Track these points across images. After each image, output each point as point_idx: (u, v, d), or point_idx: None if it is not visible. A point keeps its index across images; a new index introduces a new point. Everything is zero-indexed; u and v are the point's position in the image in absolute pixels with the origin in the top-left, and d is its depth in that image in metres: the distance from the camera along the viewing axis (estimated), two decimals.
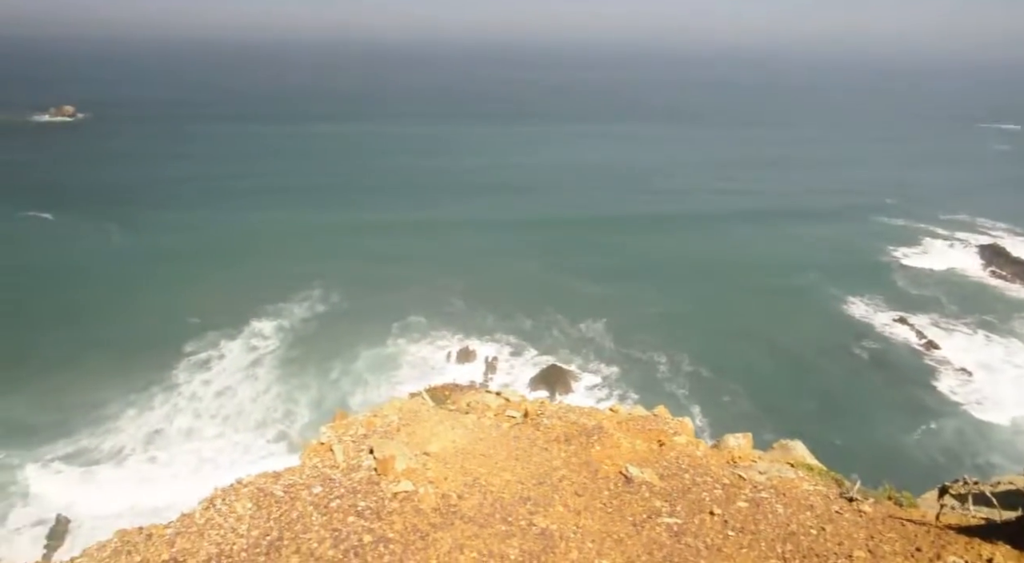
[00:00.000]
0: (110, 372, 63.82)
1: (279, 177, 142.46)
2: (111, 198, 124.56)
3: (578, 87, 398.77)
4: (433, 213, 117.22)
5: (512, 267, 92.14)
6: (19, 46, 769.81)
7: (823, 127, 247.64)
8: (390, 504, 11.96)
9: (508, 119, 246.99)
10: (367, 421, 15.43)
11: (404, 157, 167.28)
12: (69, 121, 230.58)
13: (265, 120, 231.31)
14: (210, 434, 56.77)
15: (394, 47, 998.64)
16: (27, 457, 52.95)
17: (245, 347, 70.26)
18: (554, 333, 73.91)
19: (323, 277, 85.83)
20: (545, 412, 17.04)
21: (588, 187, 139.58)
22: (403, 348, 71.05)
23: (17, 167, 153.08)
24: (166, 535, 11.14)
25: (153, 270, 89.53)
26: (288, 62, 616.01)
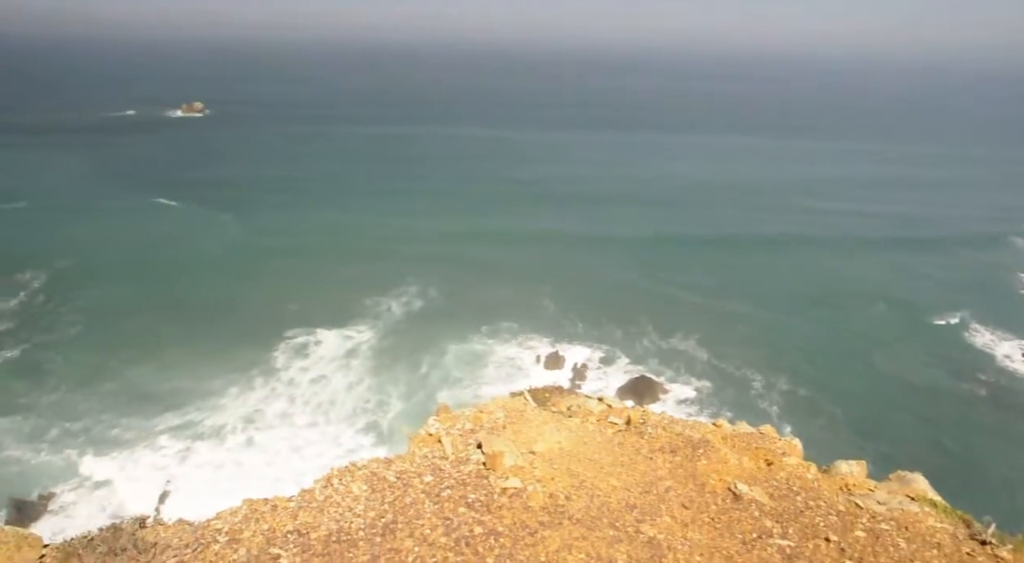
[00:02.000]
0: (218, 352, 68.23)
1: (385, 179, 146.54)
2: (229, 189, 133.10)
3: (688, 96, 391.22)
4: (532, 222, 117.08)
5: (606, 277, 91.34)
6: (156, 47, 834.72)
7: (948, 142, 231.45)
8: (499, 499, 12.17)
9: (612, 127, 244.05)
10: (474, 416, 15.76)
11: (507, 164, 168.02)
12: (198, 117, 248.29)
13: (376, 121, 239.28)
14: (303, 422, 59.26)
15: (506, 51, 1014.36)
16: (141, 428, 57.33)
17: (342, 337, 73.13)
18: (645, 344, 72.79)
19: (420, 277, 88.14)
20: (648, 421, 16.85)
21: (691, 201, 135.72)
22: (491, 348, 71.95)
23: (150, 158, 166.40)
24: (289, 508, 11.79)
25: (261, 259, 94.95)
26: (406, 64, 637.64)
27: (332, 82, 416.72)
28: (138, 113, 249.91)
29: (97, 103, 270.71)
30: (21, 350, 68.42)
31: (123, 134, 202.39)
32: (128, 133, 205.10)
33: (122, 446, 54.87)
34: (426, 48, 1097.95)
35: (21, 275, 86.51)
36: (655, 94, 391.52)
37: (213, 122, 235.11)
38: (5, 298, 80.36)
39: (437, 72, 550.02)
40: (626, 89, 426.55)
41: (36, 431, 56.15)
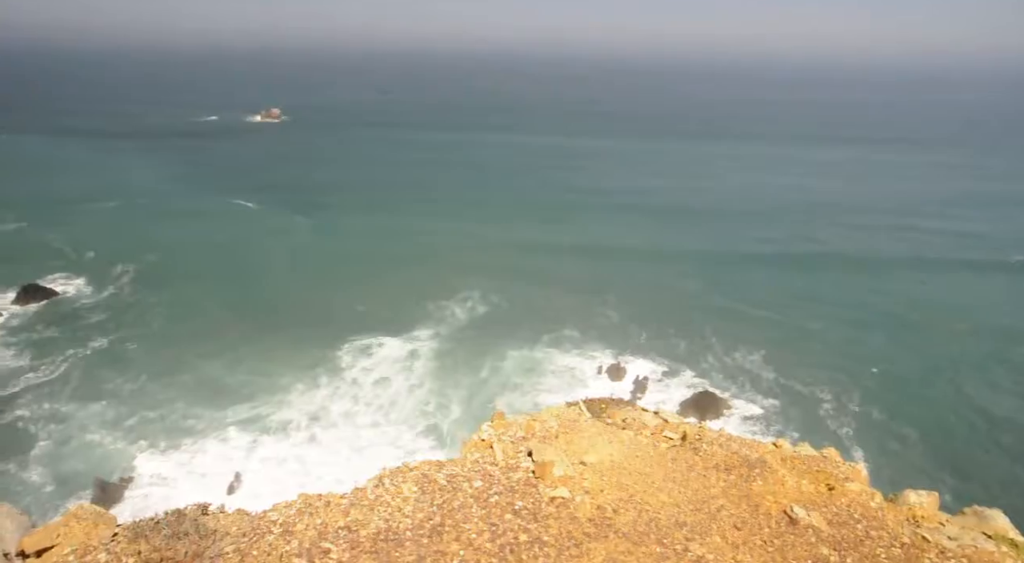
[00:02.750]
0: (287, 349, 70.65)
1: (454, 187, 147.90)
2: (303, 193, 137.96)
3: (762, 105, 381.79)
4: (599, 233, 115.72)
5: (672, 290, 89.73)
6: (239, 56, 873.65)
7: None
8: (546, 508, 12.17)
9: (685, 137, 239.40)
10: (527, 424, 15.81)
11: (578, 174, 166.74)
12: (275, 123, 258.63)
13: (446, 128, 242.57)
14: (365, 422, 60.52)
15: (576, 59, 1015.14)
16: (213, 419, 59.89)
17: (405, 340, 74.44)
18: (709, 359, 71.16)
19: (484, 284, 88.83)
20: (704, 437, 16.50)
21: (766, 215, 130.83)
22: (552, 357, 71.78)
23: (230, 161, 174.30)
24: (342, 504, 12.12)
25: (331, 261, 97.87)
26: (475, 72, 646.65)
27: (405, 90, 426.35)
28: (220, 118, 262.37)
29: (183, 109, 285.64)
30: (109, 340, 72.68)
31: (206, 139, 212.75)
32: (210, 138, 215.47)
33: (194, 435, 57.46)
34: (494, 57, 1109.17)
35: (112, 269, 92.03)
36: (729, 104, 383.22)
37: (290, 128, 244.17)
38: (98, 291, 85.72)
39: (506, 80, 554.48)
40: (700, 98, 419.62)
41: (118, 418, 59.50)
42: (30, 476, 52.43)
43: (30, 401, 61.76)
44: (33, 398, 62.22)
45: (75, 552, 10.18)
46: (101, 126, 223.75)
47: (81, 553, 10.17)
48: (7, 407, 60.82)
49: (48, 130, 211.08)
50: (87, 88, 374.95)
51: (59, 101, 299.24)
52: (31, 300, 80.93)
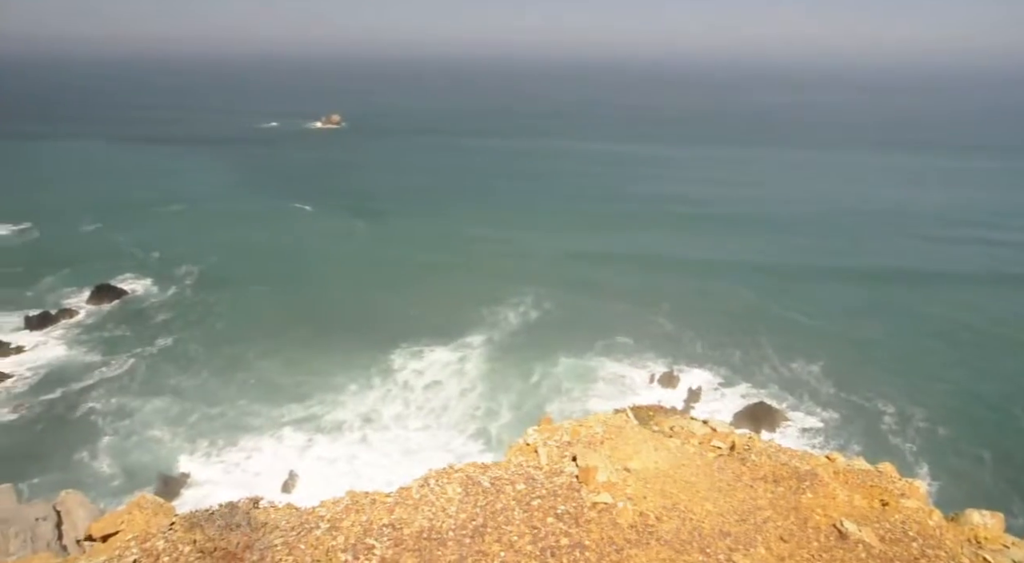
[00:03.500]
0: (341, 351, 72.17)
1: (508, 194, 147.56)
2: (361, 198, 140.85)
3: (815, 109, 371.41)
4: (653, 242, 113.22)
5: (727, 299, 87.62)
6: (300, 62, 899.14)
7: None
8: (588, 513, 12.17)
9: (738, 143, 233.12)
10: (572, 429, 15.83)
11: (632, 181, 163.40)
12: (335, 128, 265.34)
13: (501, 135, 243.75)
14: (416, 425, 61.22)
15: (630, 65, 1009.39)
16: (269, 417, 61.67)
17: (458, 344, 75.11)
18: (765, 369, 69.46)
19: (537, 290, 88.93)
20: (753, 448, 16.19)
21: (823, 225, 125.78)
22: (604, 364, 71.29)
23: (291, 166, 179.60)
24: (387, 503, 12.39)
25: (387, 265, 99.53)
26: (531, 78, 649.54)
27: (461, 97, 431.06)
28: (281, 124, 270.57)
29: (246, 115, 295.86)
30: (173, 339, 75.73)
31: (267, 144, 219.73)
32: (272, 143, 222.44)
33: (252, 432, 59.29)
34: (550, 63, 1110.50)
35: (176, 270, 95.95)
36: (783, 108, 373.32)
37: (349, 134, 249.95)
38: (164, 291, 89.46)
39: (562, 86, 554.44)
40: (753, 102, 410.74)
41: (181, 414, 61.91)
42: (100, 467, 55.03)
43: (101, 395, 64.89)
44: (104, 392, 65.35)
45: (136, 539, 10.70)
46: (167, 133, 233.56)
47: (142, 540, 10.68)
48: (80, 400, 64.06)
49: (118, 137, 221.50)
50: (153, 96, 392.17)
51: (127, 110, 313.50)
52: (104, 299, 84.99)
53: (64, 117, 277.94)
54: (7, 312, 79.81)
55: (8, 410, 62.14)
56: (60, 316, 79.47)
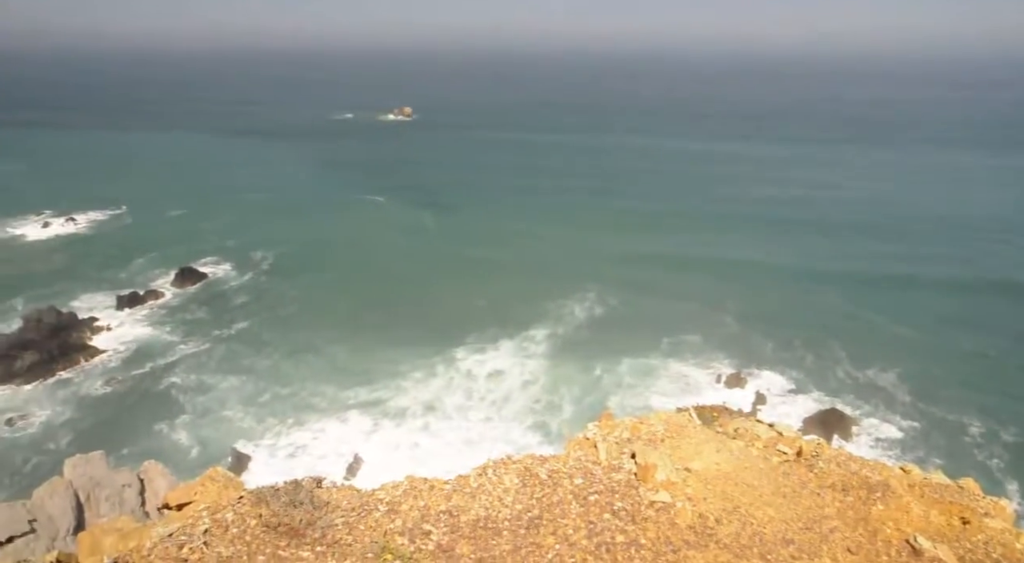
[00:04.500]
0: (407, 339, 73.61)
1: (577, 192, 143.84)
2: (430, 190, 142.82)
3: (906, 104, 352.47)
4: (724, 245, 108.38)
5: (800, 304, 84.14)
6: (374, 56, 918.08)
7: None
8: (646, 511, 12.00)
9: (817, 141, 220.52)
10: (633, 426, 15.61)
11: (704, 181, 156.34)
12: (407, 120, 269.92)
13: (572, 130, 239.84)
14: (478, 416, 61.85)
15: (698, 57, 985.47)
16: (335, 399, 63.61)
17: (522, 337, 75.41)
18: (839, 374, 66.82)
19: (603, 287, 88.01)
20: (822, 455, 15.57)
21: (909, 231, 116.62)
22: (668, 362, 70.23)
23: (363, 157, 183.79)
24: (445, 490, 12.55)
25: (454, 256, 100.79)
26: (602, 73, 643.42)
27: (532, 90, 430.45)
28: (355, 116, 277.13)
29: (322, 107, 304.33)
30: (250, 322, 79.03)
31: (342, 136, 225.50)
32: (346, 135, 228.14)
33: (319, 413, 61.36)
34: (623, 56, 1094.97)
35: (254, 256, 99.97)
36: (867, 104, 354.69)
37: (420, 126, 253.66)
38: (241, 275, 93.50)
39: (636, 80, 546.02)
40: (834, 98, 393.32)
41: (255, 392, 64.67)
42: (177, 439, 58.11)
43: (182, 372, 68.49)
44: (184, 369, 68.96)
45: (208, 509, 11.20)
46: (248, 125, 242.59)
47: (213, 511, 11.18)
48: (164, 376, 67.80)
49: (203, 129, 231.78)
50: (234, 90, 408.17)
51: (210, 104, 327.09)
52: (187, 282, 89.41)
53: (152, 111, 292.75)
54: (103, 292, 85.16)
55: (101, 383, 66.36)
56: (148, 297, 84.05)
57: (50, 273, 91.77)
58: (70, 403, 63.42)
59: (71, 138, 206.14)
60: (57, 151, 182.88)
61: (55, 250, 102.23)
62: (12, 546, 35.45)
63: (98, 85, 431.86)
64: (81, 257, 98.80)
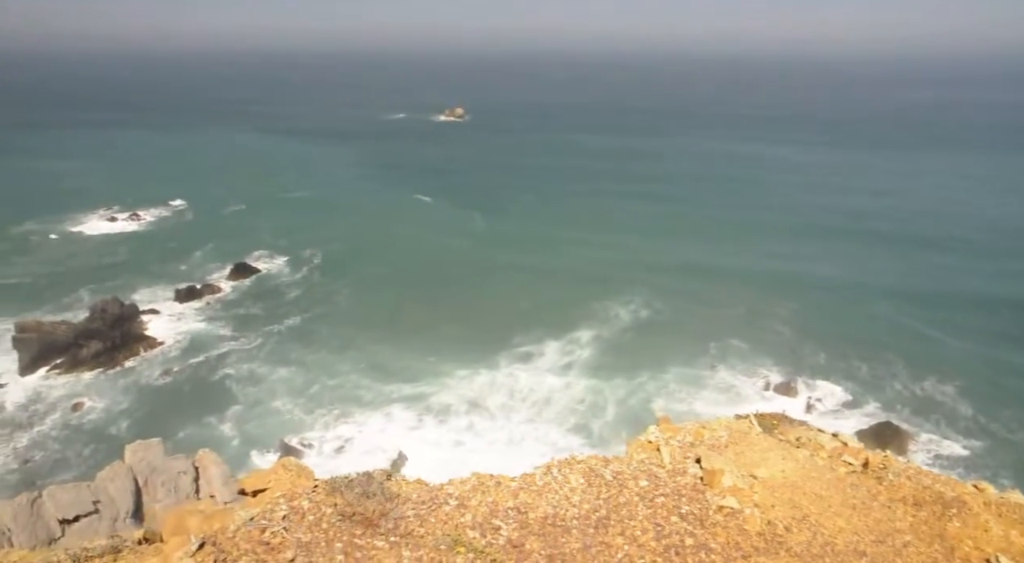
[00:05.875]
0: (451, 339, 74.22)
1: (629, 197, 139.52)
2: (478, 191, 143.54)
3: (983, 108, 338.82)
4: (778, 253, 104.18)
5: (856, 313, 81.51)
6: (426, 57, 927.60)
7: None
8: (714, 516, 11.94)
9: (886, 146, 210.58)
10: (695, 431, 15.53)
11: (761, 187, 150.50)
12: (458, 121, 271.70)
13: (624, 132, 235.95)
14: (519, 417, 62.05)
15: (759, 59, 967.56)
16: (381, 394, 64.65)
17: (567, 340, 75.33)
18: (895, 386, 64.87)
19: (650, 290, 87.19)
20: (890, 467, 15.22)
21: (982, 243, 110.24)
22: (715, 367, 69.32)
23: (414, 157, 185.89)
24: (512, 487, 12.69)
25: (501, 257, 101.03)
26: (656, 73, 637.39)
27: (583, 92, 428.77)
28: (407, 117, 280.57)
29: (374, 108, 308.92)
30: (301, 317, 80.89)
31: (393, 136, 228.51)
32: (398, 135, 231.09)
33: (364, 406, 62.62)
34: (676, 57, 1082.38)
35: (305, 252, 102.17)
36: (931, 108, 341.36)
37: (471, 127, 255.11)
38: (294, 271, 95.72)
39: (689, 82, 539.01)
40: (897, 101, 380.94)
41: (304, 384, 66.29)
42: (225, 430, 59.85)
43: (234, 362, 70.61)
44: (237, 360, 71.04)
45: (284, 496, 11.57)
46: (302, 126, 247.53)
47: (289, 497, 11.55)
48: (217, 366, 69.95)
49: (260, 129, 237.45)
50: (289, 91, 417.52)
51: (265, 105, 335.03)
52: (241, 276, 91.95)
53: (213, 111, 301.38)
54: (163, 285, 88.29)
55: (159, 373, 68.77)
56: (204, 290, 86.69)
57: (114, 266, 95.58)
58: (130, 391, 65.91)
59: (138, 137, 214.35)
60: (124, 149, 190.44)
61: (119, 244, 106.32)
62: (77, 525, 37.03)
63: (160, 85, 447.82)
64: (143, 251, 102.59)
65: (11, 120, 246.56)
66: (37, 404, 62.85)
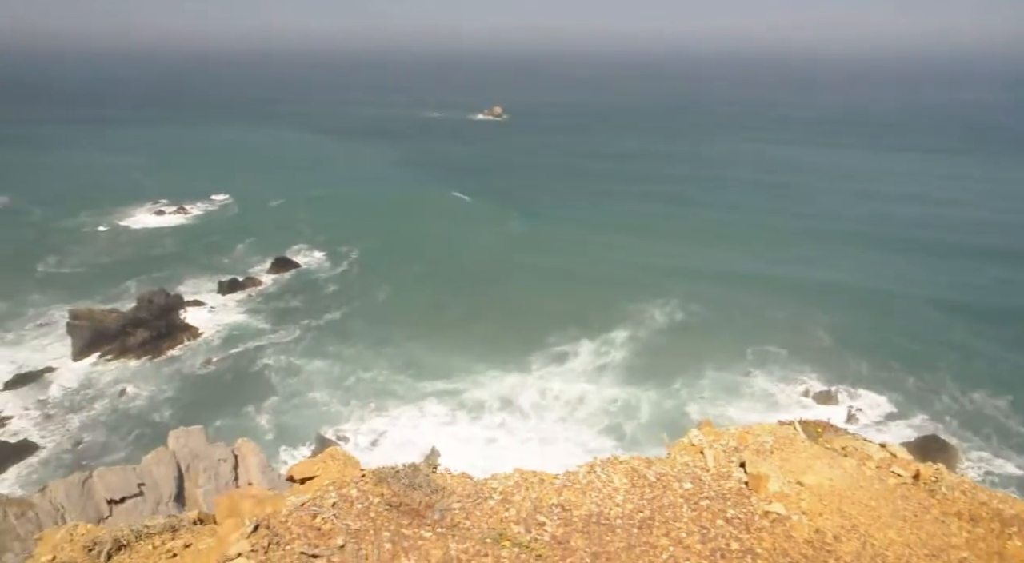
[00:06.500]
0: (485, 337, 74.61)
1: (666, 200, 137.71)
2: (516, 191, 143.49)
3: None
4: (820, 260, 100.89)
5: (904, 322, 78.99)
6: (464, 57, 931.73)
7: None
8: (760, 521, 11.79)
9: (943, 151, 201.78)
10: (739, 435, 15.34)
11: (800, 192, 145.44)
12: (497, 120, 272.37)
13: (667, 135, 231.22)
14: (552, 416, 62.07)
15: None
16: (414, 389, 65.28)
17: (601, 339, 75.05)
18: (943, 399, 62.95)
19: (685, 293, 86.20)
20: (943, 481, 14.82)
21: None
22: (753, 376, 68.15)
23: (452, 155, 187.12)
24: (555, 484, 12.71)
25: (535, 259, 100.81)
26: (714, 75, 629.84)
27: (627, 93, 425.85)
28: (446, 115, 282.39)
29: (414, 106, 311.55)
30: (340, 312, 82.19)
31: (432, 134, 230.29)
32: (436, 133, 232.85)
33: (399, 400, 63.39)
34: (727, 57, 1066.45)
35: (343, 248, 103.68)
36: (1001, 109, 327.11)
37: (510, 126, 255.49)
38: (333, 266, 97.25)
39: (738, 84, 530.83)
40: (957, 101, 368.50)
41: (340, 376, 67.44)
42: (262, 420, 61.10)
43: (273, 354, 72.10)
44: (276, 352, 72.52)
45: (334, 484, 11.79)
46: (342, 123, 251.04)
47: (338, 486, 11.76)
48: (256, 357, 71.46)
49: (303, 126, 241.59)
50: (330, 90, 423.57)
51: (305, 104, 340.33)
52: (281, 270, 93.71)
53: (258, 108, 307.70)
54: (206, 276, 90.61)
55: (202, 362, 70.50)
56: (246, 283, 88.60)
57: (161, 258, 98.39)
58: (173, 379, 67.75)
59: (185, 133, 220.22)
60: (172, 145, 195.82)
61: (166, 236, 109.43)
62: (124, 505, 38.21)
63: (207, 84, 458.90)
64: (188, 243, 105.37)
65: (64, 116, 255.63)
66: (88, 389, 65.04)
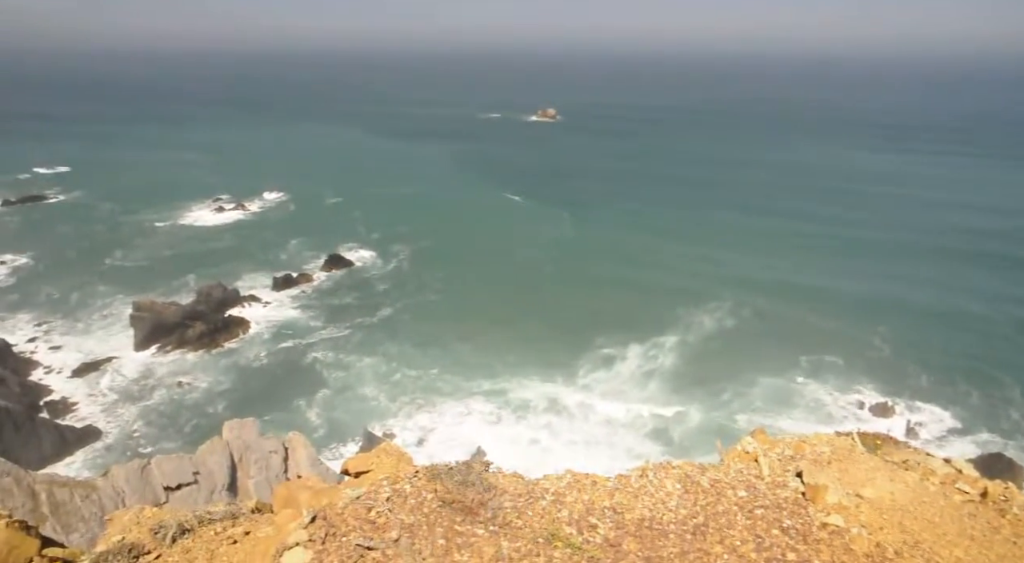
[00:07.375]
0: (533, 338, 74.56)
1: (718, 206, 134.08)
2: (568, 193, 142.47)
3: None
4: (879, 271, 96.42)
5: (968, 334, 75.98)
6: (517, 59, 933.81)
7: None
8: (818, 532, 11.53)
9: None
10: (796, 444, 15.01)
11: (858, 200, 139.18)
12: (550, 121, 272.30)
13: (722, 139, 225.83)
14: (598, 419, 61.66)
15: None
16: (460, 388, 65.74)
17: (650, 343, 74.26)
18: (1011, 415, 60.25)
19: (737, 298, 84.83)
20: (1013, 500, 14.21)
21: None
22: (806, 385, 66.37)
23: (506, 156, 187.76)
24: (607, 487, 12.68)
25: (585, 261, 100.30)
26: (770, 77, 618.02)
27: (683, 95, 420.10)
28: (501, 116, 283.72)
29: (470, 107, 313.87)
30: (392, 309, 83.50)
31: (486, 135, 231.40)
32: (490, 134, 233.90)
33: (445, 397, 63.89)
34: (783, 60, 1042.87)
35: (396, 247, 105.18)
36: None
37: (563, 127, 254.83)
38: (385, 264, 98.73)
39: (799, 87, 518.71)
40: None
41: (387, 372, 68.47)
42: (312, 414, 62.37)
43: (325, 349, 73.60)
44: (327, 347, 74.01)
45: (388, 479, 12.02)
46: (400, 124, 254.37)
47: (392, 481, 11.98)
48: (308, 352, 73.08)
49: (361, 126, 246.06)
50: (387, 89, 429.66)
51: (363, 104, 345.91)
52: (334, 267, 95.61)
53: (319, 109, 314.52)
54: (262, 272, 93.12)
55: (255, 356, 72.51)
56: (300, 279, 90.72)
57: (220, 253, 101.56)
58: (229, 372, 69.79)
59: (246, 132, 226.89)
60: (237, 143, 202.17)
61: (225, 232, 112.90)
62: (179, 492, 39.59)
63: (270, 84, 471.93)
64: (246, 239, 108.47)
65: (128, 114, 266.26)
66: (147, 379, 67.58)
